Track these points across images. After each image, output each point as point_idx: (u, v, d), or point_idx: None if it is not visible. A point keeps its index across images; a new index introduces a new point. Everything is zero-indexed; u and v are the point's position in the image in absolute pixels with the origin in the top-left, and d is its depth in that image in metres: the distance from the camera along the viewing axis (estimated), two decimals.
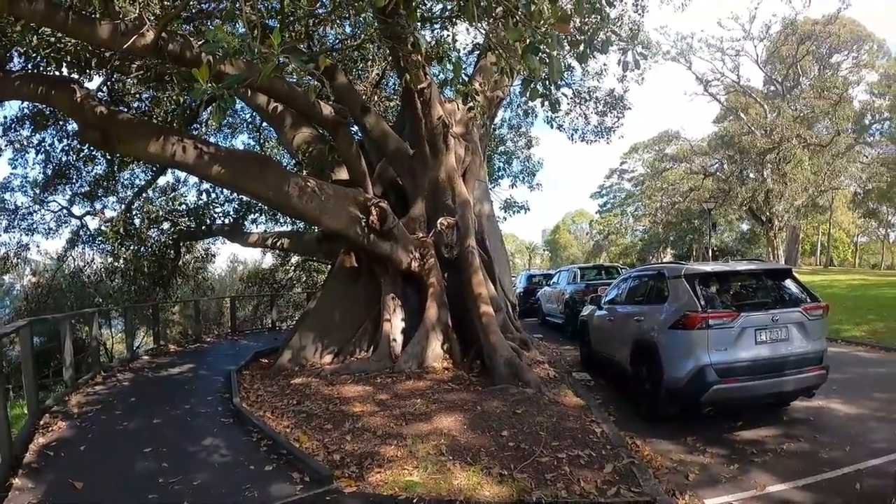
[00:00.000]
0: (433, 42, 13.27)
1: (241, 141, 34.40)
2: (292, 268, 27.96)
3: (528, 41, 5.39)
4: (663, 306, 8.98)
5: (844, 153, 49.97)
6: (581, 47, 6.17)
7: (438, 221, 13.41)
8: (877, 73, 54.31)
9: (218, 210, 19.84)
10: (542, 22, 5.37)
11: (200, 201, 20.07)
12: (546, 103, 7.14)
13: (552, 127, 26.59)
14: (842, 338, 17.38)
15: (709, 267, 9.49)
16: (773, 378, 8.14)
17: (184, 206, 20.38)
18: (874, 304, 22.94)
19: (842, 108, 48.59)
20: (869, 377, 12.19)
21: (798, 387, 8.47)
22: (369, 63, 18.27)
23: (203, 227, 19.39)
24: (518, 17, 5.62)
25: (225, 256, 59.76)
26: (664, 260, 63.77)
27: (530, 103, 24.61)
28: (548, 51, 5.43)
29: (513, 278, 29.70)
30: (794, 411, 9.39)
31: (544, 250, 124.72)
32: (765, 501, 6.11)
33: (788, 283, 9.28)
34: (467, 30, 11.57)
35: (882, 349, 15.66)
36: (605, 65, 20.54)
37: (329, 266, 18.27)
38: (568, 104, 23.84)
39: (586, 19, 7.44)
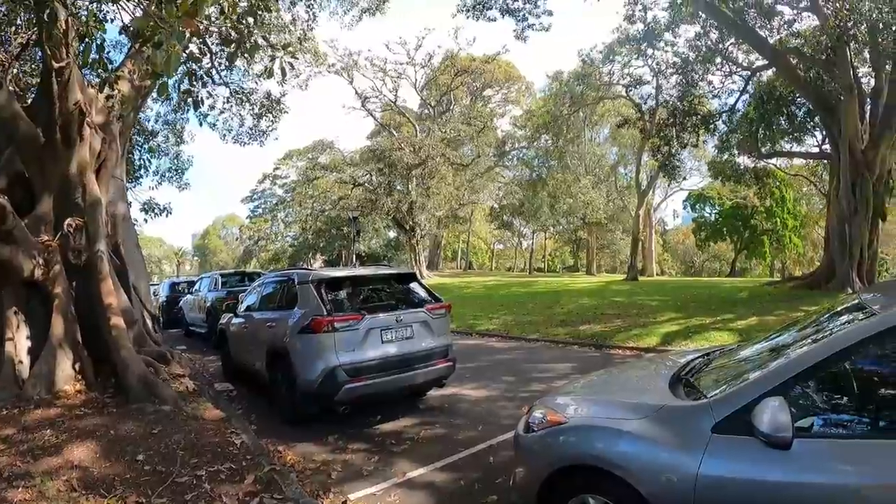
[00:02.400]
0: (87, 17, 11.93)
1: None
2: None
3: (156, 32, 5.03)
4: (293, 311, 8.99)
5: (485, 173, 55.06)
6: (232, 48, 5.92)
7: (66, 223, 11.75)
8: (521, 109, 61.91)
9: None
10: (173, 14, 5.02)
11: None
12: (189, 99, 6.78)
13: (201, 125, 25.58)
14: (476, 331, 19.09)
15: (335, 272, 9.68)
16: (402, 373, 8.57)
17: None
18: (505, 301, 25.71)
19: (485, 135, 53.59)
20: (498, 363, 13.50)
21: (428, 379, 9.04)
22: (13, 30, 15.86)
23: None
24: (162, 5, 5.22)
25: None
26: (315, 266, 64.58)
27: (188, 97, 23.20)
28: (165, 45, 5.05)
29: (155, 286, 28.04)
30: (431, 400, 10.01)
31: (194, 256, 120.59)
32: (406, 487, 6.32)
33: (413, 285, 9.91)
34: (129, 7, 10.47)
35: (511, 339, 17.54)
36: (269, 68, 19.82)
37: None
38: (224, 103, 23.10)
39: (245, 21, 7.13)
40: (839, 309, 4.30)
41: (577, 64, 41.68)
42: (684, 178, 52.58)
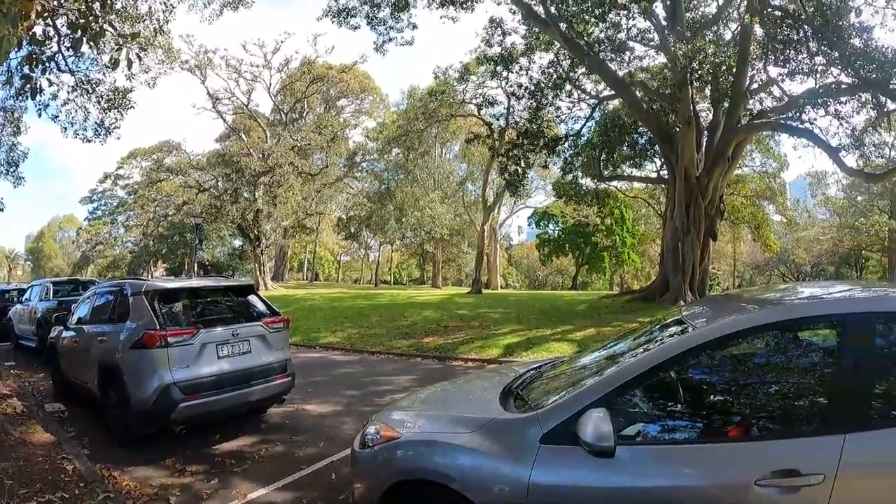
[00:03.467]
0: None
1: None
2: None
3: None
4: (125, 325, 8.53)
5: (333, 183, 54.59)
6: (78, 33, 5.69)
7: None
8: (374, 121, 62.41)
9: None
10: None
11: None
12: (28, 86, 6.44)
13: (39, 115, 23.99)
14: (319, 344, 18.89)
15: (169, 283, 9.40)
16: (239, 390, 8.34)
17: None
18: (350, 314, 25.55)
19: (337, 145, 53.19)
20: (341, 377, 13.49)
21: (266, 395, 8.84)
22: None
23: None
24: None
25: None
26: (156, 274, 62.34)
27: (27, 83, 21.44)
28: None
29: None
30: (272, 417, 9.76)
31: (27, 260, 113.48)
32: None
33: (251, 298, 9.65)
34: None
35: (354, 352, 17.52)
36: (114, 59, 18.17)
37: None
38: (69, 93, 21.86)
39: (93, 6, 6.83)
40: (662, 324, 4.63)
41: (433, 81, 42.30)
42: (529, 197, 55.04)
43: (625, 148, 32.02)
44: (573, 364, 4.95)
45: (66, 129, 23.40)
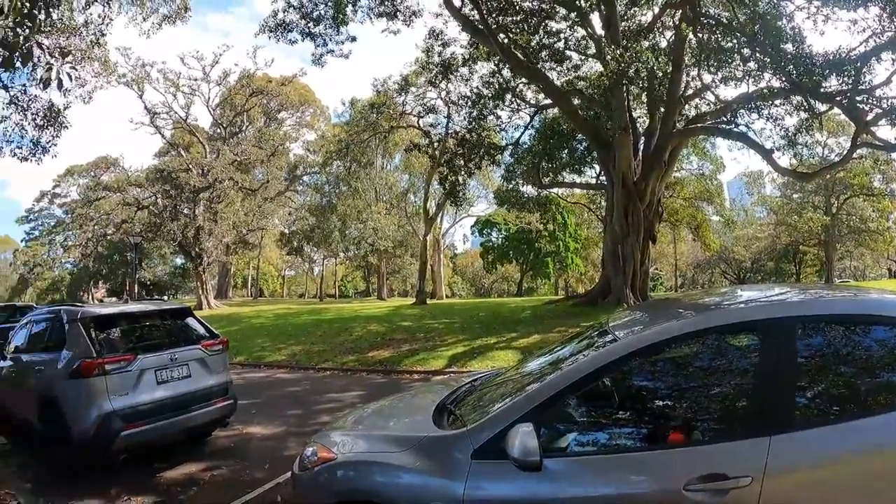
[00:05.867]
0: None
1: None
2: None
3: None
4: (62, 353, 8.22)
5: (275, 198, 53.76)
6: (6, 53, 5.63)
7: None
8: (315, 134, 61.83)
9: None
10: None
11: None
12: None
13: None
14: (265, 363, 18.62)
15: (105, 309, 9.13)
16: (181, 415, 8.17)
17: None
18: (295, 330, 25.22)
19: (277, 159, 52.43)
20: (286, 397, 13.26)
21: (208, 419, 8.70)
22: None
23: None
24: None
25: None
26: (97, 295, 60.96)
27: None
28: None
29: None
30: (217, 441, 9.58)
31: None
32: None
33: (189, 321, 9.45)
34: None
35: (300, 369, 17.29)
36: (45, 78, 17.00)
37: None
38: (3, 110, 21.15)
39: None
40: (588, 334, 4.72)
41: (372, 93, 42.14)
42: (471, 205, 55.25)
43: (564, 155, 32.49)
44: (505, 377, 4.98)
45: (0, 147, 22.68)
